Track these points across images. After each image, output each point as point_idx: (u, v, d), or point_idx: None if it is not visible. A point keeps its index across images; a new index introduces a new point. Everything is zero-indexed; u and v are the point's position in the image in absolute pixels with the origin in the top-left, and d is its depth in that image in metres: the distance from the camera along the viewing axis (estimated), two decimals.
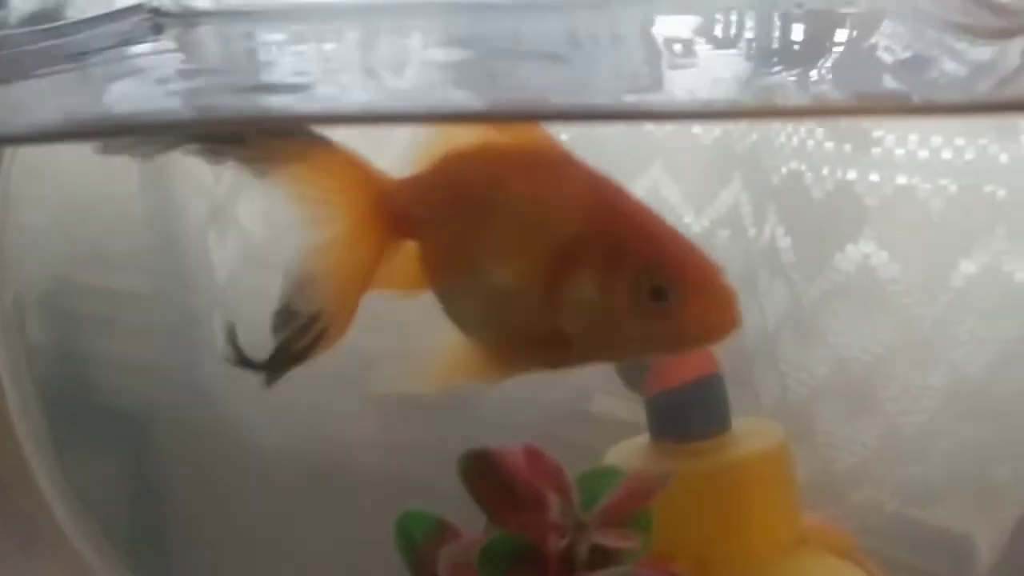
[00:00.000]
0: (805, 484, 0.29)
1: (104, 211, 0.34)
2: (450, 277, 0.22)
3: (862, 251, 0.32)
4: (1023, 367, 0.30)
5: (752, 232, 0.33)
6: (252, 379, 0.32)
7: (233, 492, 0.34)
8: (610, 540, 0.21)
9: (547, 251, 0.21)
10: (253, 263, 0.33)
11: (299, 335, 0.22)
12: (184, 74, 0.23)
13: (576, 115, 0.25)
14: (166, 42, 0.22)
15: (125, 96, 0.23)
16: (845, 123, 0.33)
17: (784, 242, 0.33)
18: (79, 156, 0.29)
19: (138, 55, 0.22)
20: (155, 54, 0.22)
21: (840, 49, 0.23)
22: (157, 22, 0.22)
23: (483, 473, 0.22)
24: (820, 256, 0.32)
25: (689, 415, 0.27)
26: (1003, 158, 0.30)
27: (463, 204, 0.22)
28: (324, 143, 0.22)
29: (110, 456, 0.36)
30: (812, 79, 0.22)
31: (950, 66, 0.21)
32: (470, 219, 0.22)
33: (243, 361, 0.22)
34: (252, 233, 0.33)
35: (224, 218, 0.33)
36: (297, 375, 0.30)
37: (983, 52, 0.22)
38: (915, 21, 0.21)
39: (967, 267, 0.31)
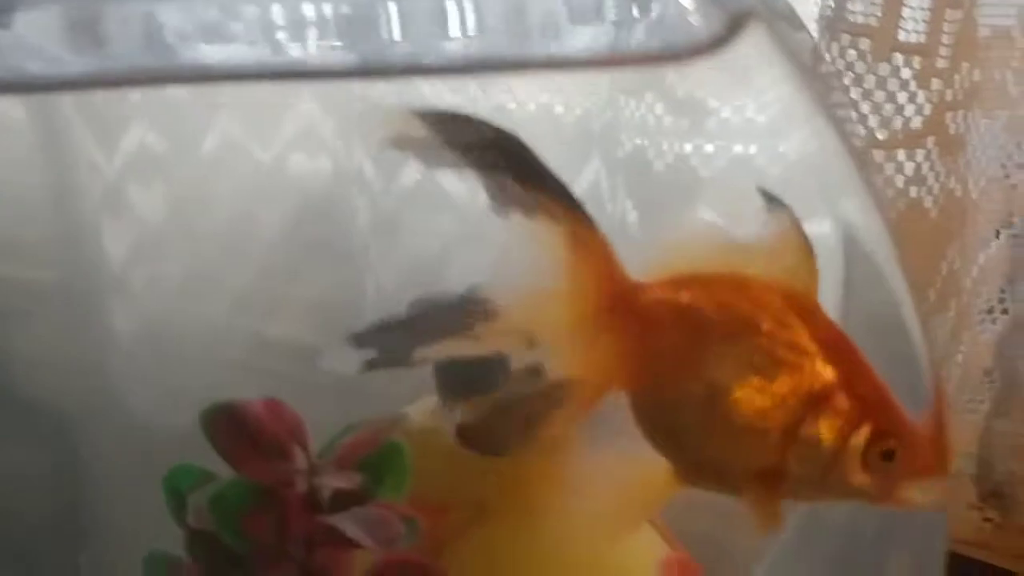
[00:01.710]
0: None
1: (5, 193, 0.34)
2: (669, 391, 0.23)
3: (700, 219, 0.33)
4: None
5: (609, 207, 0.34)
6: (152, 368, 0.34)
7: (139, 478, 0.34)
8: (337, 481, 0.23)
9: (797, 395, 0.23)
10: (147, 249, 0.33)
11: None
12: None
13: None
14: None
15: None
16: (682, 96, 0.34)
17: (632, 215, 0.34)
18: None
19: None
20: None
21: None
22: None
23: (225, 424, 0.23)
24: (661, 226, 0.34)
25: (469, 372, 0.28)
26: None
27: (707, 327, 0.23)
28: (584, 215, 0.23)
29: (27, 448, 0.36)
30: None
31: None
32: (711, 344, 0.23)
33: None
34: (146, 218, 0.34)
35: (117, 202, 0.34)
36: (196, 360, 0.33)
37: None
38: None
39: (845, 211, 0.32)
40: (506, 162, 0.23)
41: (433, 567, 0.23)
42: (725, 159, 0.35)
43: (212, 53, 0.30)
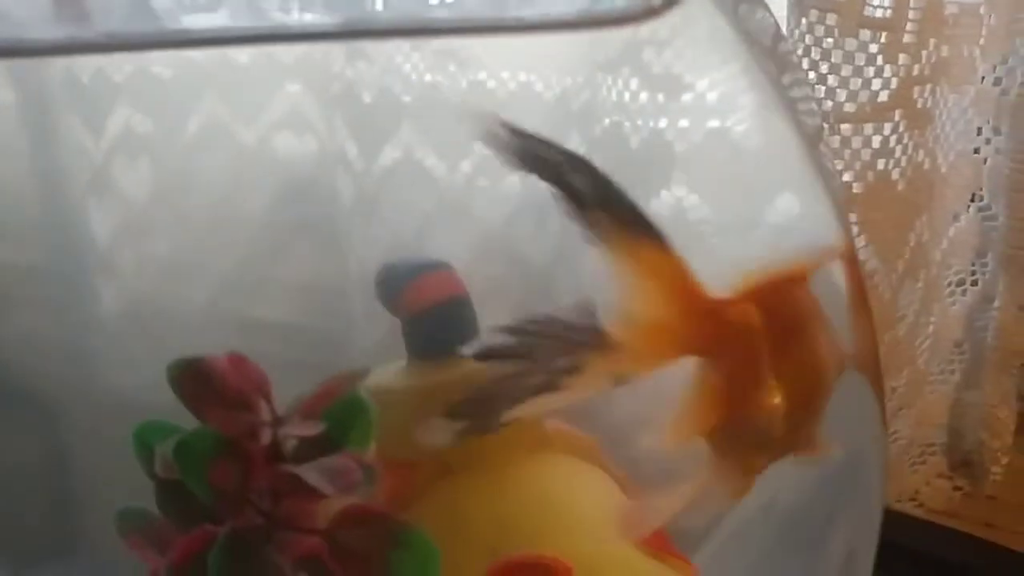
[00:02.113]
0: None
1: None
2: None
3: (675, 195, 0.34)
4: None
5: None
6: (139, 349, 0.34)
7: (127, 460, 0.35)
8: (300, 430, 0.23)
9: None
10: (133, 230, 0.33)
11: None
12: None
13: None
14: None
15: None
16: (658, 73, 0.35)
17: None
18: None
19: None
20: None
21: None
22: None
23: (191, 378, 0.24)
24: (639, 202, 0.34)
25: (434, 334, 0.29)
26: None
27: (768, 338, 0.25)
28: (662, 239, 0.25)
29: (19, 432, 0.36)
30: None
31: None
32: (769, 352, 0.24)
33: None
34: (131, 199, 0.34)
35: (103, 183, 0.34)
36: (182, 341, 0.33)
37: None
38: None
39: (783, 202, 0.33)
40: (593, 189, 0.24)
41: (392, 517, 0.23)
42: (701, 133, 0.35)
43: (197, 22, 0.31)
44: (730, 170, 0.34)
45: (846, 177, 0.41)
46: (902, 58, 0.40)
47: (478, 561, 0.25)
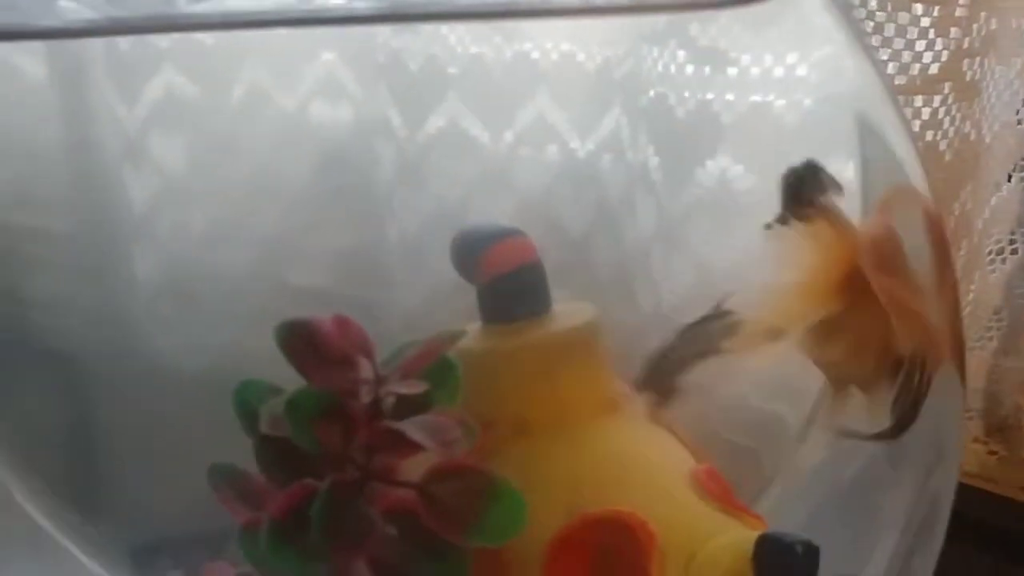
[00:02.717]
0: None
1: (22, 146, 0.34)
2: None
3: (720, 166, 0.35)
4: None
5: (630, 155, 0.36)
6: (176, 315, 0.34)
7: (160, 421, 0.35)
8: (403, 388, 0.25)
9: None
10: (171, 197, 0.34)
11: None
12: None
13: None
14: None
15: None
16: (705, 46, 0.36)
17: (653, 161, 0.35)
18: None
19: None
20: None
21: None
22: None
23: (297, 339, 0.25)
24: (683, 173, 0.35)
25: (510, 298, 0.30)
26: None
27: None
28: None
29: (48, 395, 0.36)
30: None
31: None
32: None
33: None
34: (170, 165, 0.34)
35: (139, 151, 0.34)
36: (220, 308, 0.34)
37: None
38: None
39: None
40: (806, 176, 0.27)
41: (485, 471, 0.25)
42: (746, 106, 0.36)
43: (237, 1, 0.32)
44: (775, 142, 0.35)
45: None
46: (953, 31, 0.41)
47: (555, 517, 0.27)
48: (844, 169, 0.34)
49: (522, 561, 0.27)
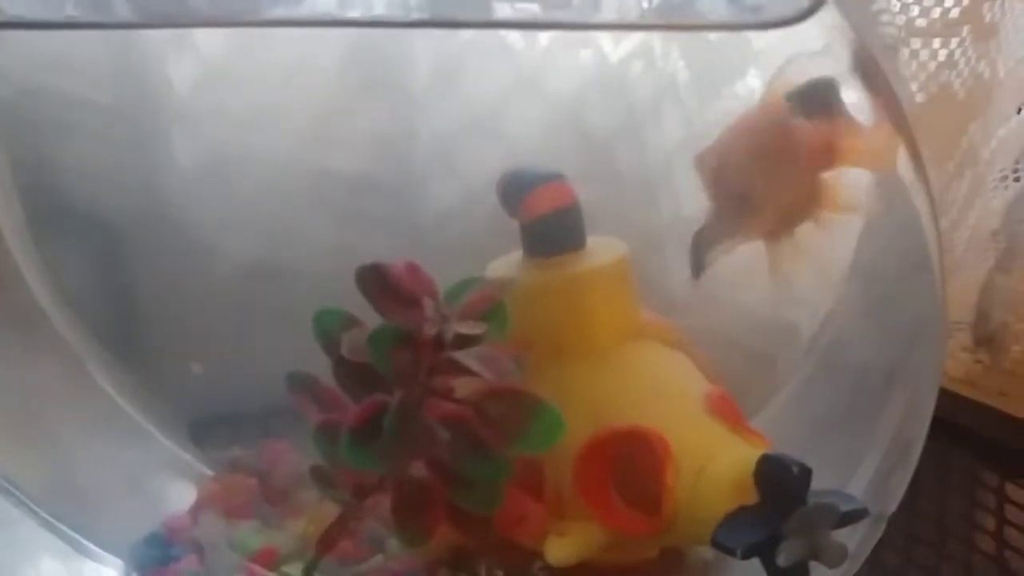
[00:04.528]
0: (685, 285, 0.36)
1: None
2: None
3: (749, 87, 0.37)
4: None
5: (660, 64, 0.38)
6: (213, 194, 0.36)
7: (198, 293, 0.37)
8: (464, 328, 0.29)
9: None
10: (210, 80, 0.36)
11: None
12: None
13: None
14: None
15: None
16: None
17: (683, 75, 0.37)
18: None
19: None
20: None
21: None
22: None
23: (374, 280, 0.29)
24: (712, 90, 0.37)
25: (550, 236, 0.34)
26: None
27: None
28: None
29: (89, 260, 0.38)
30: None
31: None
32: None
33: None
34: (208, 51, 0.36)
35: (181, 35, 0.36)
36: (257, 189, 0.35)
37: None
38: None
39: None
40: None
41: (529, 393, 0.29)
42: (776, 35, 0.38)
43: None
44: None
45: (912, 87, 0.44)
46: None
47: (582, 429, 0.30)
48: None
49: (554, 465, 0.31)
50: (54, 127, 0.37)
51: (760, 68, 0.37)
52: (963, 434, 0.55)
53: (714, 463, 0.29)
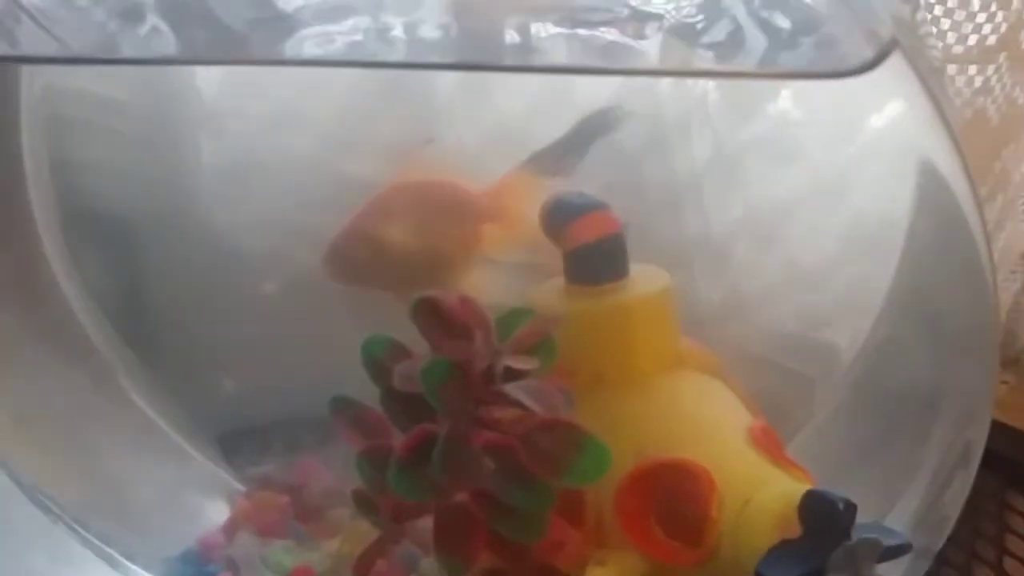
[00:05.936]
0: (719, 304, 0.36)
1: None
2: None
3: (780, 109, 0.37)
4: None
5: (691, 81, 0.38)
6: (234, 193, 0.36)
7: (218, 294, 0.37)
8: (516, 363, 0.29)
9: None
10: (238, 86, 0.36)
11: None
12: None
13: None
14: None
15: None
16: None
17: (714, 94, 0.37)
18: None
19: None
20: None
21: None
22: None
23: (428, 313, 0.30)
24: (743, 110, 0.37)
25: (594, 265, 0.34)
26: None
27: None
28: None
29: (114, 259, 0.39)
30: None
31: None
32: None
33: None
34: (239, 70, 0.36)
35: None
36: (279, 190, 0.35)
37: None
38: None
39: (875, 121, 0.36)
40: None
41: (577, 426, 0.29)
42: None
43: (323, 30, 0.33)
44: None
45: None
46: (1016, 3, 0.43)
47: (624, 458, 0.30)
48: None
49: (596, 493, 0.31)
50: (77, 125, 0.37)
51: (792, 91, 0.37)
52: (989, 457, 0.55)
53: (759, 496, 0.29)
